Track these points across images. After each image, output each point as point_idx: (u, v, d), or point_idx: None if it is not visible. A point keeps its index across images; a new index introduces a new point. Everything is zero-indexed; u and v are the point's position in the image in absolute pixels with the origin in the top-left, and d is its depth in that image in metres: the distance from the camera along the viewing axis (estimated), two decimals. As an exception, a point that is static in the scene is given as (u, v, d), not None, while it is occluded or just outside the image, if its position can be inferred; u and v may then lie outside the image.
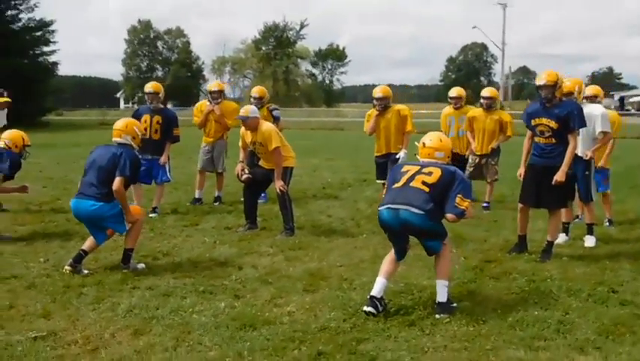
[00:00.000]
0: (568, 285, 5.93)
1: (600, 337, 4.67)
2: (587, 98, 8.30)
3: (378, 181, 9.83)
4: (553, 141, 6.90)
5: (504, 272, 6.40)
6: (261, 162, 8.36)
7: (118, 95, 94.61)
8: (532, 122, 7.02)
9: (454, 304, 5.33)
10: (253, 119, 7.93)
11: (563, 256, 7.00)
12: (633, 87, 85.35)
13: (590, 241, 7.64)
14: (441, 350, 4.47)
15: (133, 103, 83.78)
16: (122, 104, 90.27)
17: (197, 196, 10.32)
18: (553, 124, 6.83)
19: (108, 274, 6.23)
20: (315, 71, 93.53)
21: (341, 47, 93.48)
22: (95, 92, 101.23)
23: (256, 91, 10.51)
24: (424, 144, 5.66)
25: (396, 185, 5.49)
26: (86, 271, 6.29)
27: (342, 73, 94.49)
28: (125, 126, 6.70)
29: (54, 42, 50.18)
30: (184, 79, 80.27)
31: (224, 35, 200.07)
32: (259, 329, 4.81)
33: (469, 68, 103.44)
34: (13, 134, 8.51)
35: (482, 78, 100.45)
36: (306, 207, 10.22)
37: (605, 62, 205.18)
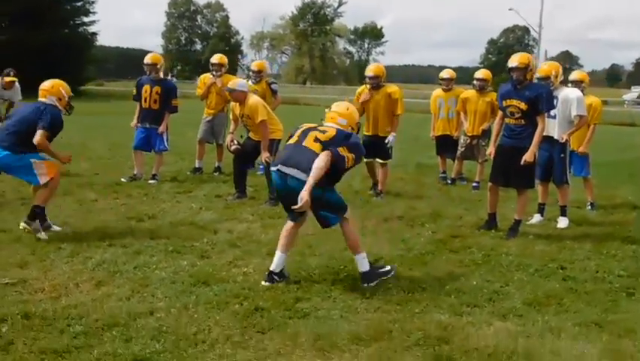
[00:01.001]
0: (520, 260, 6.18)
1: (526, 306, 4.94)
2: (572, 82, 8.48)
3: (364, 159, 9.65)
4: (523, 122, 7.08)
5: (464, 246, 6.66)
6: (250, 134, 8.71)
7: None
8: (504, 104, 7.21)
9: (387, 268, 5.59)
10: (239, 92, 8.27)
11: (530, 235, 7.22)
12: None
13: (562, 223, 7.81)
14: (372, 310, 4.79)
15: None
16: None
17: (196, 166, 10.72)
18: (522, 105, 7.01)
19: (91, 232, 6.67)
20: (352, 49, 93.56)
21: (379, 26, 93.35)
22: (137, 64, 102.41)
23: (255, 65, 10.87)
24: (330, 108, 5.65)
25: (290, 141, 5.49)
26: (56, 228, 6.71)
27: (380, 53, 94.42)
28: (50, 87, 6.74)
29: (94, 13, 51.06)
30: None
31: (264, 10, 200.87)
32: (211, 285, 5.17)
33: (510, 51, 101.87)
34: None
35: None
36: (300, 180, 10.56)
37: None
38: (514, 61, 7.09)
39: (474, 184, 10.22)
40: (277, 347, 4.13)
